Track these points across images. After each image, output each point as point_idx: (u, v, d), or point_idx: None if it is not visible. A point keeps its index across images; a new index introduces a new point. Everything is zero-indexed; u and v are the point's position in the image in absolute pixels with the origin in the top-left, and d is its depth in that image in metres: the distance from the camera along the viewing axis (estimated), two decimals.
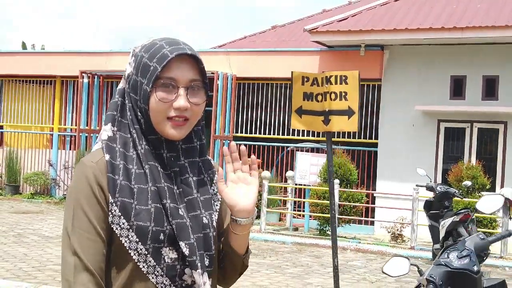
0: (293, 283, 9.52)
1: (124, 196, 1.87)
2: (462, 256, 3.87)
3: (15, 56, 20.11)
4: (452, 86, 15.16)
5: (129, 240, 1.86)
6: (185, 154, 1.99)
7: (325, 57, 16.16)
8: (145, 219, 1.86)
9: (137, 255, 1.87)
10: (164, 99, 1.89)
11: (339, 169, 14.11)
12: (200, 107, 1.96)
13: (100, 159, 1.91)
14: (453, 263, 3.83)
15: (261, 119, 17.26)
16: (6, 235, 12.32)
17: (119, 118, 1.97)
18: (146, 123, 1.94)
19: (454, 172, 13.45)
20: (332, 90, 5.16)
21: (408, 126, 15.49)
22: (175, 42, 1.94)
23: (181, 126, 1.93)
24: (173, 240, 1.89)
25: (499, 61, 14.76)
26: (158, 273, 1.89)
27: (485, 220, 12.68)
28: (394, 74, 15.65)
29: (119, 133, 1.95)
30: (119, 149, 1.93)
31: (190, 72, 1.92)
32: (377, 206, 15.04)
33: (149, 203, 1.88)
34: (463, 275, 3.79)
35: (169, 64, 1.89)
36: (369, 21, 15.16)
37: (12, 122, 20.33)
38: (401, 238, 13.62)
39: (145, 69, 1.91)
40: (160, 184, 1.90)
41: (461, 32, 14.14)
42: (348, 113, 5.22)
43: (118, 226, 1.87)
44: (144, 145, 1.93)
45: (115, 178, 1.88)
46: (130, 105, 1.96)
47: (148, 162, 1.91)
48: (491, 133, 14.88)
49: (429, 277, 3.77)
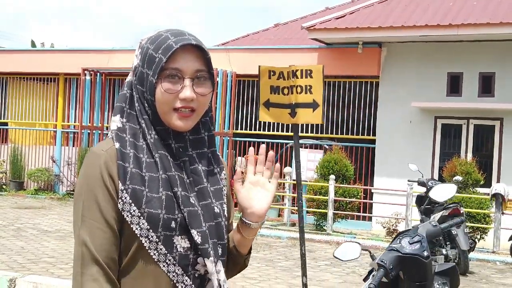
0: (282, 275, 9.69)
1: (135, 184, 1.87)
2: (414, 242, 4.00)
3: (19, 54, 20.38)
4: (449, 83, 15.28)
5: (140, 227, 1.86)
6: (193, 145, 1.99)
7: (324, 54, 16.30)
8: (156, 207, 1.86)
9: (148, 243, 1.86)
10: (170, 90, 1.90)
11: (335, 165, 14.26)
12: (206, 97, 1.95)
13: (110, 147, 1.92)
14: (404, 248, 3.97)
15: None
16: (5, 229, 12.55)
17: (128, 110, 1.97)
18: (154, 114, 1.94)
19: (448, 168, 13.57)
20: (298, 83, 5.31)
21: (405, 123, 15.61)
22: (180, 33, 1.94)
23: (188, 117, 1.93)
24: (185, 229, 1.90)
25: (496, 58, 14.86)
26: (170, 262, 1.89)
27: (479, 215, 12.80)
28: (392, 71, 15.78)
29: (128, 124, 1.95)
30: (128, 139, 1.93)
31: (196, 62, 1.92)
32: (371, 202, 15.15)
33: (160, 190, 1.88)
34: (413, 259, 3.92)
35: (174, 55, 1.89)
36: (366, 19, 15.29)
37: (16, 119, 20.59)
38: (395, 233, 13.73)
39: (150, 61, 1.91)
40: (171, 172, 1.90)
41: (457, 29, 14.24)
42: (313, 106, 5.37)
43: (129, 213, 1.87)
44: (154, 135, 1.93)
45: (126, 166, 1.88)
46: (137, 96, 1.96)
47: (158, 151, 1.92)
48: (487, 129, 14.98)
49: (380, 261, 3.91)
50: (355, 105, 16.27)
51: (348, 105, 16.33)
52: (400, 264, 3.95)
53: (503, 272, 10.87)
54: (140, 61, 1.95)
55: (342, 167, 14.30)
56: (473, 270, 10.78)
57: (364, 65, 15.85)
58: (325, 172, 14.22)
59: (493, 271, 10.93)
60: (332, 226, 14.04)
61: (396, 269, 3.93)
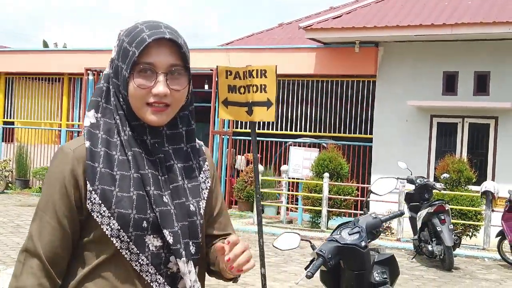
0: (269, 271, 9.87)
1: (105, 184, 1.84)
2: (353, 233, 4.21)
3: (25, 54, 20.69)
4: (444, 82, 15.41)
5: (110, 228, 1.83)
6: (170, 140, 1.95)
7: (321, 54, 16.48)
8: (126, 207, 1.83)
9: (120, 242, 1.84)
10: (142, 85, 1.85)
11: (330, 163, 14.43)
12: (181, 92, 1.90)
13: (79, 146, 1.88)
14: (343, 239, 4.17)
15: None
16: (5, 225, 12.86)
17: (104, 104, 1.92)
18: (128, 109, 1.90)
19: (441, 166, 13.70)
20: (254, 83, 5.52)
21: (402, 121, 15.76)
22: (156, 25, 1.88)
23: (162, 112, 1.88)
24: (158, 228, 1.86)
25: (491, 58, 14.97)
26: (143, 262, 1.87)
27: (470, 213, 12.93)
28: (389, 70, 15.93)
29: (104, 119, 1.91)
30: (101, 135, 1.89)
31: (170, 57, 1.87)
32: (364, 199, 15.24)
33: (131, 190, 1.85)
34: (351, 249, 4.12)
35: (148, 49, 1.84)
36: (363, 18, 15.45)
37: (22, 119, 20.94)
38: (389, 231, 13.92)
39: (125, 54, 1.87)
40: (143, 170, 1.87)
41: (451, 29, 14.37)
42: (267, 105, 5.59)
43: (99, 214, 1.84)
44: (128, 131, 1.89)
45: (95, 166, 1.85)
46: (113, 90, 1.91)
47: (132, 148, 1.88)
48: (482, 128, 15.10)
49: (319, 251, 4.12)
50: (353, 103, 16.44)
51: (346, 103, 16.50)
52: (339, 254, 4.14)
53: (489, 268, 11.01)
54: (116, 53, 1.91)
55: (337, 165, 14.47)
56: (459, 266, 10.94)
57: (361, 65, 16.01)
58: (320, 170, 14.40)
59: (479, 267, 11.07)
60: (328, 223, 14.23)
61: (335, 259, 4.13)
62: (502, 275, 10.49)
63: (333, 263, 4.12)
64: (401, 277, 9.81)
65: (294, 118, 17.22)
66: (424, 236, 10.87)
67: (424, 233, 10.87)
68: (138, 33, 1.86)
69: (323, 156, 14.62)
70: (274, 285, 9.01)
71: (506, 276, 10.36)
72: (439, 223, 10.52)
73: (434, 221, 10.59)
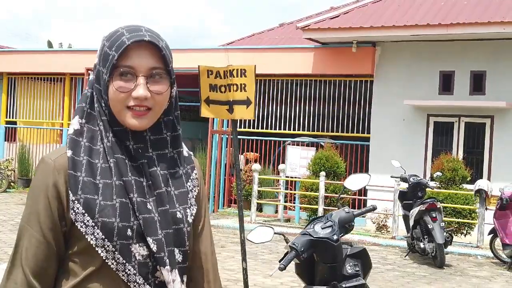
0: (262, 267, 10.05)
1: (88, 193, 1.81)
2: (325, 227, 4.35)
3: (27, 54, 20.89)
4: (441, 81, 15.52)
5: (95, 237, 1.81)
6: (154, 145, 1.92)
7: (319, 54, 16.61)
8: (109, 215, 1.81)
9: (105, 252, 1.81)
10: (122, 88, 1.84)
11: (326, 162, 14.57)
12: (163, 96, 1.88)
13: (60, 155, 1.87)
14: (316, 232, 4.32)
15: (259, 114, 17.75)
16: (5, 223, 13.05)
17: (88, 110, 1.91)
18: (110, 114, 1.88)
19: (436, 164, 13.84)
20: (234, 82, 5.69)
21: (399, 120, 15.88)
22: (136, 29, 1.88)
23: (143, 116, 1.86)
24: (143, 236, 1.84)
25: (487, 57, 15.08)
26: (130, 271, 1.83)
27: (464, 211, 13.05)
28: (386, 70, 16.05)
29: (88, 125, 1.89)
30: (84, 143, 1.87)
31: (151, 60, 1.86)
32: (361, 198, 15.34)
33: (114, 198, 1.82)
34: (323, 242, 4.27)
35: (127, 52, 1.84)
36: (360, 18, 15.57)
37: (25, 118, 21.13)
38: (385, 229, 14.04)
39: (105, 58, 1.86)
40: (126, 177, 1.84)
41: (446, 29, 14.49)
42: (246, 103, 5.75)
43: (83, 224, 1.81)
44: (111, 137, 1.87)
45: (77, 175, 1.83)
46: (96, 96, 1.90)
47: (115, 155, 1.85)
48: (478, 127, 15.21)
49: (292, 244, 4.27)
50: (350, 103, 16.56)
51: (343, 103, 16.63)
52: (312, 247, 4.30)
53: (481, 266, 11.13)
54: (98, 58, 1.91)
55: (333, 164, 14.61)
56: (452, 264, 11.06)
57: (358, 64, 16.13)
58: (316, 169, 14.54)
59: (471, 265, 11.19)
60: None
61: (308, 252, 4.28)
62: (493, 272, 10.61)
63: (306, 256, 4.26)
64: (393, 274, 9.97)
65: (292, 117, 17.35)
66: (416, 234, 11.01)
67: (417, 231, 11.01)
68: (118, 37, 1.86)
69: (320, 155, 14.77)
70: (266, 281, 9.16)
71: (497, 273, 10.49)
72: (430, 220, 10.66)
73: (425, 219, 10.73)
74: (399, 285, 9.27)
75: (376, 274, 9.95)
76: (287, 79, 17.37)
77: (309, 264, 4.44)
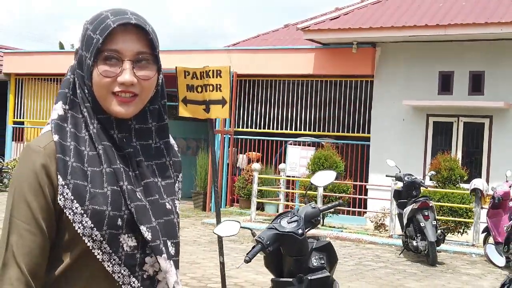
0: (255, 265, 10.19)
1: (77, 178, 1.73)
2: (291, 221, 4.53)
3: (34, 55, 21.21)
4: (440, 81, 15.65)
5: (83, 226, 1.72)
6: (138, 135, 1.84)
7: (320, 54, 16.78)
8: (101, 203, 1.72)
9: (92, 242, 1.73)
10: (107, 72, 1.76)
11: (325, 161, 14.74)
12: (150, 81, 1.81)
13: (48, 143, 1.77)
14: (282, 227, 4.49)
15: (261, 115, 17.95)
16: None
17: (71, 97, 1.82)
18: (94, 101, 1.80)
19: (433, 164, 13.97)
20: (210, 82, 5.89)
21: (398, 121, 16.03)
22: (121, 12, 1.80)
23: (129, 103, 1.78)
24: (132, 227, 1.76)
25: (485, 58, 15.19)
26: (115, 262, 1.76)
27: (461, 210, 13.17)
28: (386, 70, 16.20)
29: (71, 112, 1.81)
30: (70, 129, 1.79)
31: (137, 44, 1.78)
32: (360, 197, 15.48)
33: (105, 185, 1.74)
34: (289, 236, 4.45)
35: (113, 36, 1.75)
36: (359, 19, 15.73)
37: (32, 118, 21.43)
38: (383, 228, 14.19)
39: (88, 42, 1.77)
40: (116, 165, 1.76)
41: (444, 30, 14.62)
42: (222, 103, 5.95)
43: (71, 211, 1.72)
44: (96, 125, 1.79)
45: (66, 160, 1.74)
46: (78, 82, 1.82)
47: (102, 142, 1.77)
48: (477, 127, 15.33)
49: (257, 238, 4.45)
50: (351, 103, 16.72)
51: (344, 103, 16.79)
52: (278, 241, 4.47)
53: (474, 264, 11.25)
54: (80, 43, 1.83)
55: (332, 164, 14.77)
56: (445, 262, 11.20)
57: (358, 65, 16.29)
58: (315, 168, 14.70)
59: (464, 263, 11.32)
60: (323, 220, 14.52)
61: (273, 245, 4.45)
62: (485, 270, 10.73)
63: (272, 249, 4.44)
64: (384, 271, 10.13)
65: (294, 117, 17.53)
66: (409, 232, 11.16)
67: (410, 229, 11.16)
68: (102, 20, 1.77)
69: (319, 155, 14.94)
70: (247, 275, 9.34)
71: (488, 271, 10.61)
72: (422, 219, 10.81)
73: (418, 217, 10.88)
74: (388, 282, 9.42)
75: (367, 271, 10.12)
76: (289, 80, 17.55)
77: (277, 257, 4.61)
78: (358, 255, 11.55)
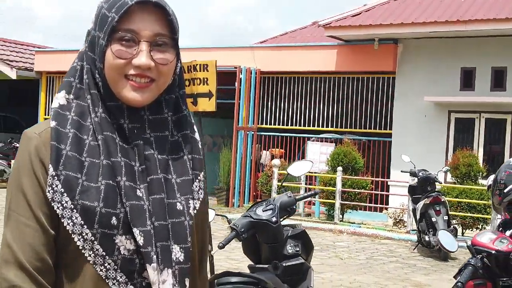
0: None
1: (70, 169, 1.58)
2: (266, 209, 4.67)
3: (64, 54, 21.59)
4: (462, 77, 15.59)
5: (72, 222, 1.57)
6: (152, 126, 1.67)
7: (342, 51, 16.83)
8: (92, 198, 1.56)
9: (82, 241, 1.57)
10: (121, 52, 1.60)
11: (344, 157, 14.80)
12: (168, 66, 1.65)
13: (45, 129, 1.63)
14: (257, 215, 4.64)
15: (284, 111, 18.07)
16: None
17: (78, 85, 1.67)
18: (105, 87, 1.64)
19: (452, 160, 13.95)
20: (197, 76, 6.06)
21: (420, 117, 16.00)
22: None
23: (144, 88, 1.62)
24: (130, 227, 1.59)
25: (508, 53, 15.09)
26: (110, 266, 1.58)
27: (479, 206, 13.13)
28: (407, 66, 16.18)
29: (76, 101, 1.65)
30: (72, 117, 1.63)
31: (155, 24, 1.62)
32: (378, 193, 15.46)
33: (100, 179, 1.58)
34: (263, 224, 4.59)
35: (130, 15, 1.59)
36: (381, 16, 15.75)
37: None
38: (402, 223, 14.20)
39: (103, 21, 1.61)
40: (115, 158, 1.60)
41: (465, 25, 14.56)
42: (208, 96, 6.10)
43: (59, 205, 1.57)
44: (101, 113, 1.63)
45: (60, 147, 1.59)
46: (88, 66, 1.66)
47: (104, 132, 1.61)
48: (499, 123, 15.23)
49: (232, 225, 4.60)
50: (373, 100, 16.75)
51: (366, 100, 16.82)
52: (253, 228, 4.61)
53: None
54: (93, 23, 1.66)
55: (351, 160, 14.83)
56: (457, 257, 11.19)
57: (380, 61, 16.30)
58: (335, 165, 14.78)
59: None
60: (343, 216, 14.62)
61: (248, 232, 4.60)
62: None
63: (246, 236, 4.58)
64: (393, 265, 10.18)
65: (316, 114, 17.61)
66: (422, 227, 11.19)
67: (422, 224, 11.19)
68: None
69: (338, 151, 15.01)
70: None
71: None
72: (434, 214, 10.84)
73: (430, 212, 10.91)
74: (395, 276, 9.49)
75: (377, 265, 10.19)
76: (311, 76, 17.64)
77: (254, 245, 4.76)
78: (371, 250, 11.61)
